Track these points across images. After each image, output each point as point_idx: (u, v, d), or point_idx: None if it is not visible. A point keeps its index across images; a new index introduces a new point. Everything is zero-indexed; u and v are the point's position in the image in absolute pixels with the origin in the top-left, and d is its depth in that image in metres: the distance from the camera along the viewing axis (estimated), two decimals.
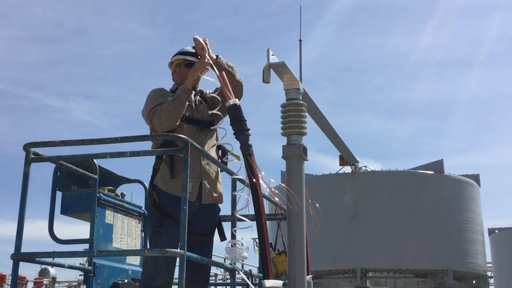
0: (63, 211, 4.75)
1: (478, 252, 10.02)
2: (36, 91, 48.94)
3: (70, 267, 4.31)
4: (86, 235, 4.66)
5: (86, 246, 4.62)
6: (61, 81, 49.82)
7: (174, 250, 3.24)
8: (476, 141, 50.87)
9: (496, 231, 15.30)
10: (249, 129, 4.19)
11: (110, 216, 4.91)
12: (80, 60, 47.59)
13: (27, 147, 3.61)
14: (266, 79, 4.48)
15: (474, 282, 10.31)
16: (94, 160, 4.63)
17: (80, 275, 4.78)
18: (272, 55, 4.42)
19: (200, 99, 4.52)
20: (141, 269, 5.16)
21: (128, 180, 5.48)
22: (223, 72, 4.27)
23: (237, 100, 4.25)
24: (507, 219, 42.45)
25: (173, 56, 4.55)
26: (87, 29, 47.14)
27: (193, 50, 4.46)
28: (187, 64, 4.42)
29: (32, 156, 3.63)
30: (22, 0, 43.00)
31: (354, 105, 50.90)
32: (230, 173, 4.36)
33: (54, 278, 19.11)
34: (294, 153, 4.31)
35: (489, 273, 13.49)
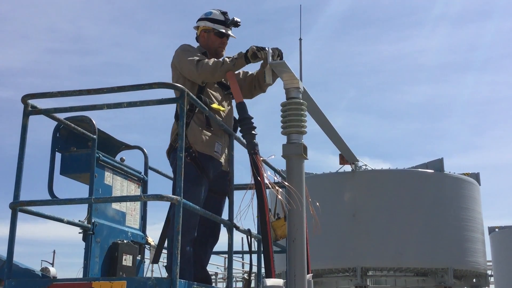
0: (62, 172, 4.66)
1: (478, 251, 10.01)
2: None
3: (69, 222, 4.20)
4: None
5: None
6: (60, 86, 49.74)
7: (170, 196, 3.26)
8: (474, 142, 50.81)
9: (496, 229, 15.27)
10: (255, 127, 4.20)
11: (109, 177, 4.81)
12: (78, 66, 47.60)
13: (25, 99, 3.56)
14: (268, 81, 4.45)
15: (474, 280, 10.28)
16: (93, 121, 4.59)
17: (79, 232, 4.73)
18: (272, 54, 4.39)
19: None
20: (140, 233, 5.14)
21: (128, 146, 5.35)
22: (232, 72, 4.32)
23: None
24: (507, 219, 42.34)
25: (200, 19, 4.65)
26: (83, 35, 47.01)
27: (222, 17, 4.59)
28: (217, 32, 4.56)
29: (30, 109, 3.60)
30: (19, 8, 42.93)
31: (352, 107, 50.79)
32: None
33: (54, 277, 19.05)
34: (294, 152, 4.30)
35: (489, 272, 13.46)
